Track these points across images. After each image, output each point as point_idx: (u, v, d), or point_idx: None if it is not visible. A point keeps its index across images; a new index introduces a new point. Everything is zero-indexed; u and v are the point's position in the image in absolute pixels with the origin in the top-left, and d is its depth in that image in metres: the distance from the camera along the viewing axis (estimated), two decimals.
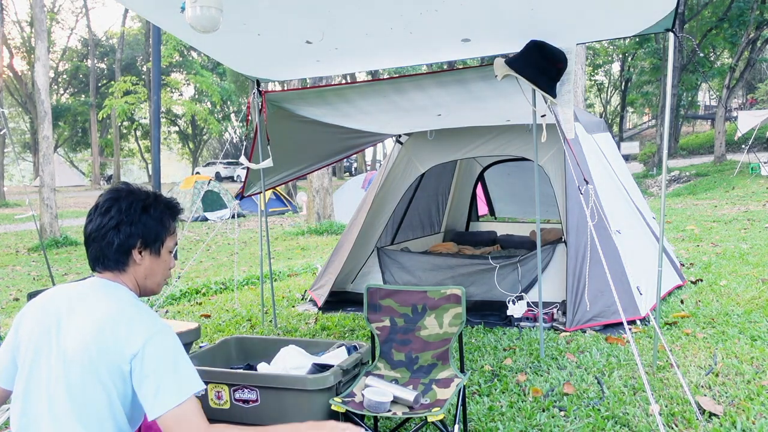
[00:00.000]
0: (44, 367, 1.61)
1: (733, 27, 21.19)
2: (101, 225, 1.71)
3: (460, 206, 7.46)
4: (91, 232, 1.72)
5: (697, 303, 4.87)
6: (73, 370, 1.58)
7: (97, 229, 1.71)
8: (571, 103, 3.56)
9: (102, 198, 1.76)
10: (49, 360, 1.61)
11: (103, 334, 1.59)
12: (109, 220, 1.71)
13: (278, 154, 4.55)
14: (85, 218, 1.77)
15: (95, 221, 1.72)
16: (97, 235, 1.71)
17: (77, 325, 1.62)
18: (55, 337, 1.63)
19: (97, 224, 1.71)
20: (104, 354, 1.58)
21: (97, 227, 1.71)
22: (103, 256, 1.72)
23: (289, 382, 2.42)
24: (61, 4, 40.69)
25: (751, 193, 14.03)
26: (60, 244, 12.16)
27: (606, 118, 36.65)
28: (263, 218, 5.33)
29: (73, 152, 43.48)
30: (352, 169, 37.81)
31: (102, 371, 1.58)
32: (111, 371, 1.58)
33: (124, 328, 1.60)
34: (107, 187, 1.86)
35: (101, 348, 1.58)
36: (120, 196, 1.75)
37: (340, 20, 3.20)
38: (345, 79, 18.28)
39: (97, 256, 1.73)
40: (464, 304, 2.68)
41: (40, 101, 12.22)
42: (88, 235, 1.73)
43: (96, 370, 1.58)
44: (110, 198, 1.74)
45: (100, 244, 1.71)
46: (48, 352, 1.62)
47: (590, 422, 2.91)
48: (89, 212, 1.76)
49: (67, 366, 1.58)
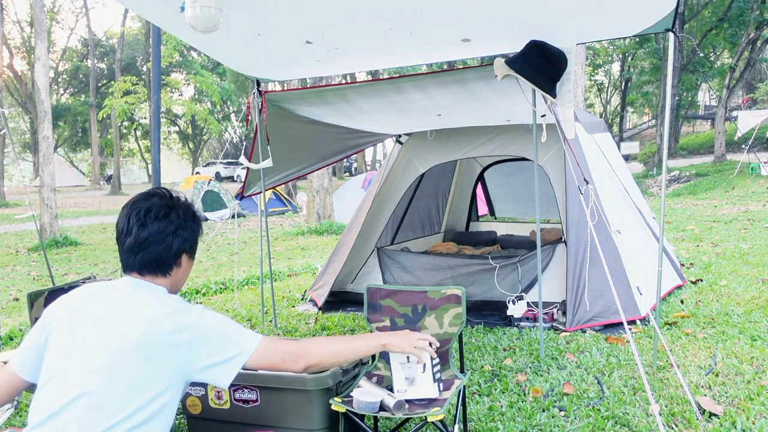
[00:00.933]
0: (79, 359, 1.61)
1: (733, 27, 21.18)
2: (160, 230, 1.75)
3: (460, 206, 7.46)
4: (148, 236, 1.74)
5: (697, 303, 4.87)
6: (113, 362, 1.59)
7: (156, 234, 1.74)
8: (571, 103, 3.56)
9: (152, 203, 1.78)
10: (85, 353, 1.61)
11: (151, 327, 1.62)
12: (168, 225, 1.76)
13: (278, 154, 4.55)
14: (128, 221, 1.76)
15: (152, 225, 1.74)
16: (155, 240, 1.74)
17: (122, 321, 1.64)
18: (95, 332, 1.64)
19: (156, 229, 1.74)
20: (155, 345, 1.61)
21: (156, 231, 1.74)
22: (159, 260, 1.75)
23: (289, 382, 2.42)
24: (61, 4, 40.70)
25: (751, 193, 14.03)
26: (60, 244, 12.15)
27: (606, 118, 36.64)
28: (263, 218, 5.33)
29: (73, 152, 43.48)
30: (352, 169, 37.80)
31: (149, 365, 1.60)
32: (160, 364, 1.61)
33: (175, 315, 1.66)
34: (142, 191, 1.88)
35: (150, 341, 1.61)
36: (174, 203, 1.81)
37: (340, 20, 3.20)
38: (345, 79, 18.27)
39: (152, 260, 1.75)
40: (464, 304, 2.68)
41: (40, 101, 12.21)
42: (144, 239, 1.74)
43: (139, 362, 1.60)
44: (166, 204, 1.79)
45: (158, 248, 1.74)
46: (86, 347, 1.62)
47: (590, 422, 2.91)
48: (136, 215, 1.76)
49: (111, 361, 1.59)
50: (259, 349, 1.76)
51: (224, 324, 1.75)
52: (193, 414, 2.62)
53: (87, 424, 1.55)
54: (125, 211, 1.79)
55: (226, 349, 1.71)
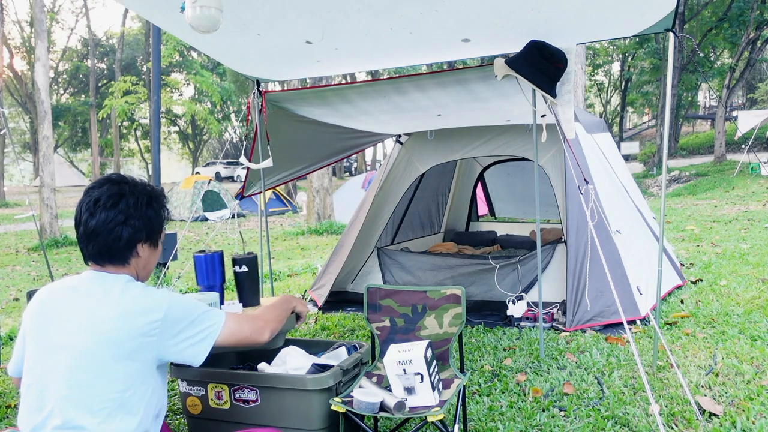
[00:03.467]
0: (54, 359, 1.62)
1: (733, 27, 21.19)
2: (108, 219, 1.70)
3: (460, 206, 7.46)
4: (96, 226, 1.69)
5: (697, 303, 4.87)
6: (88, 358, 1.59)
7: (104, 224, 1.69)
8: (571, 103, 3.56)
9: (102, 191, 1.73)
10: (58, 353, 1.62)
11: (118, 322, 1.62)
12: (117, 215, 1.70)
13: (278, 154, 4.55)
14: (80, 209, 1.73)
15: (99, 215, 1.70)
16: (104, 230, 1.69)
17: (89, 319, 1.63)
18: (60, 330, 1.64)
19: (104, 218, 1.69)
20: (124, 336, 1.61)
21: (104, 221, 1.69)
22: (109, 250, 1.71)
23: (289, 382, 2.42)
24: (61, 4, 40.72)
25: (751, 193, 14.02)
26: (60, 244, 12.15)
27: (606, 118, 36.64)
28: (263, 218, 5.33)
29: (73, 152, 43.46)
30: (352, 169, 37.79)
31: (122, 354, 1.61)
32: (133, 358, 1.62)
33: (141, 303, 1.66)
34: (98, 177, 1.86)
35: (119, 337, 1.61)
36: (124, 190, 1.74)
37: (340, 20, 3.20)
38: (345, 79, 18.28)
39: (102, 251, 1.72)
40: (464, 304, 2.68)
41: (40, 101, 12.21)
42: (93, 229, 1.70)
43: (114, 356, 1.60)
44: (115, 193, 1.73)
45: (107, 239, 1.70)
46: (55, 344, 1.63)
47: (590, 422, 2.91)
48: (86, 205, 1.72)
49: (82, 355, 1.59)
50: (226, 326, 1.80)
51: (190, 306, 1.75)
52: (193, 414, 2.62)
53: (74, 422, 1.57)
54: (80, 199, 1.75)
55: (195, 329, 1.73)
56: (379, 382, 2.61)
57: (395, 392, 2.41)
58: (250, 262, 2.81)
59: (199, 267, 2.77)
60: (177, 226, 13.27)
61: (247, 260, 2.80)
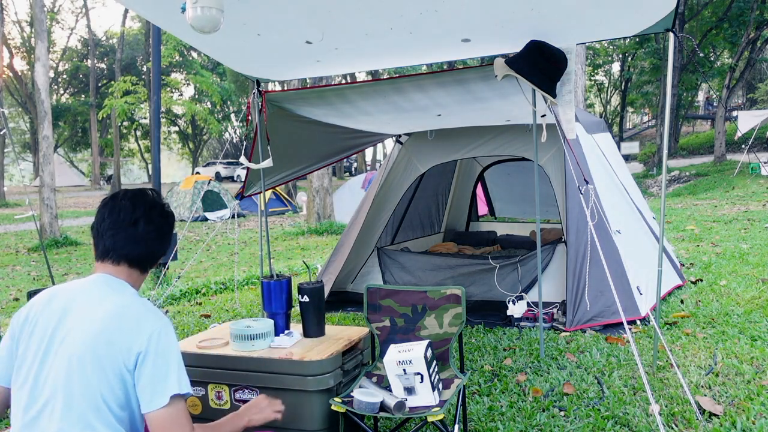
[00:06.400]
0: (50, 363, 1.63)
1: (733, 27, 21.19)
2: (159, 226, 1.84)
3: (460, 206, 7.46)
4: (146, 225, 1.80)
5: (697, 303, 4.87)
6: (80, 365, 1.60)
7: (156, 228, 1.83)
8: (572, 103, 3.56)
9: (152, 203, 1.86)
10: (55, 358, 1.62)
11: (110, 329, 1.63)
12: (157, 230, 1.84)
13: (278, 154, 4.54)
14: (94, 213, 1.87)
15: (143, 225, 1.80)
16: (149, 238, 1.81)
17: (83, 321, 1.65)
18: (60, 334, 1.64)
19: (157, 224, 1.84)
20: (111, 348, 1.61)
21: (156, 226, 1.84)
22: (146, 252, 1.82)
23: (290, 382, 2.43)
24: (61, 4, 40.73)
25: (751, 193, 14.02)
26: (60, 244, 12.16)
27: (606, 118, 36.63)
28: (263, 218, 5.33)
29: (73, 152, 43.49)
30: (352, 169, 37.78)
31: (106, 365, 1.61)
32: (115, 366, 1.61)
33: (132, 323, 1.65)
34: (125, 188, 1.94)
35: (109, 342, 1.62)
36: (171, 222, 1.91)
37: (340, 20, 3.20)
38: (345, 79, 18.27)
39: (138, 257, 1.81)
40: (464, 304, 2.68)
41: (40, 101, 12.22)
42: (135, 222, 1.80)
43: (101, 365, 1.60)
44: (172, 223, 1.91)
45: (150, 241, 1.82)
46: (53, 349, 1.64)
47: (590, 422, 2.91)
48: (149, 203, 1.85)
49: (74, 362, 1.60)
50: (174, 403, 1.63)
51: (175, 355, 1.68)
52: (193, 414, 2.62)
53: (65, 425, 1.58)
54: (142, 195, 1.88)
55: (164, 378, 1.63)
56: (379, 382, 2.61)
57: (395, 392, 2.42)
58: (313, 292, 2.74)
59: (266, 293, 2.75)
60: (177, 226, 13.25)
61: (310, 290, 2.74)
